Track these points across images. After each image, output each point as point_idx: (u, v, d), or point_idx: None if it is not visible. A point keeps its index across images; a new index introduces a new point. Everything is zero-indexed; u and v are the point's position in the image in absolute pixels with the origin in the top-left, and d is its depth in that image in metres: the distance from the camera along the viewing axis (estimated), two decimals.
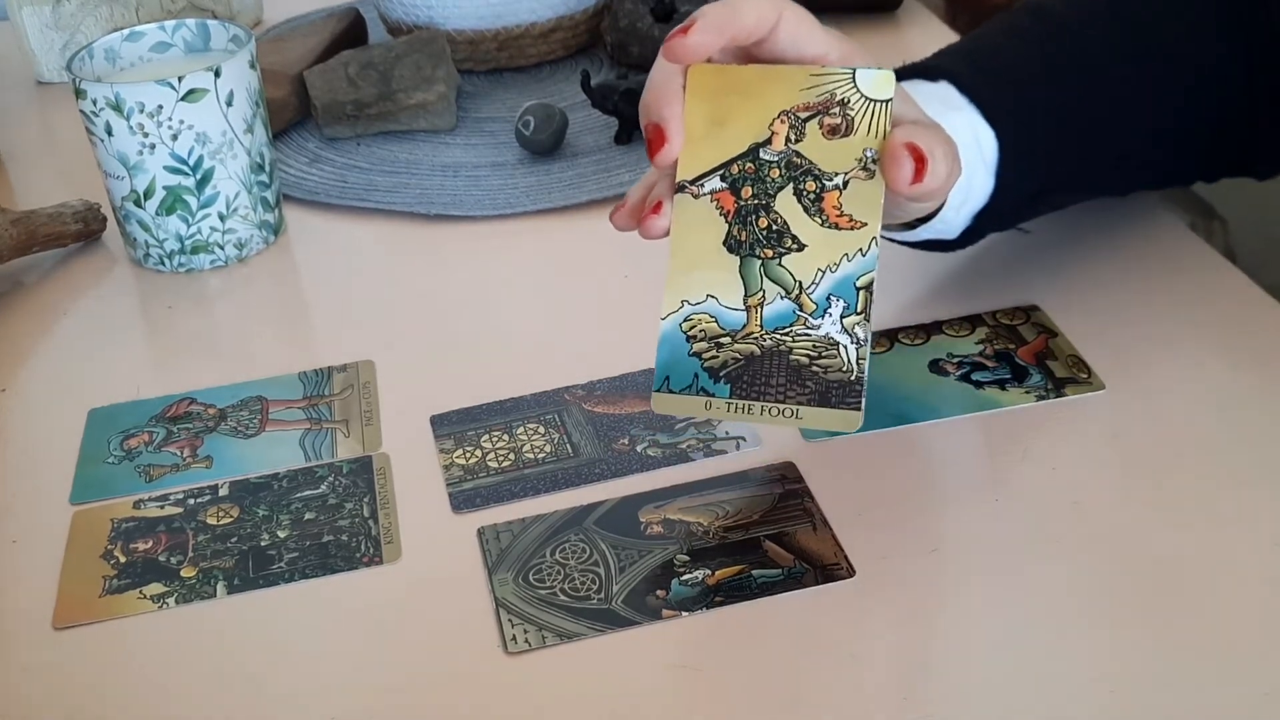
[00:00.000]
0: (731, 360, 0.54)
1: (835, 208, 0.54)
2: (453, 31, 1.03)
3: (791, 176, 0.54)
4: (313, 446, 0.67)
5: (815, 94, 0.54)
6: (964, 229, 0.67)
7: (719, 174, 0.55)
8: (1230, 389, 0.66)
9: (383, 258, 0.85)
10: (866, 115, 0.54)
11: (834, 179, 0.54)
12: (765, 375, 0.54)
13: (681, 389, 0.55)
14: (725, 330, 0.54)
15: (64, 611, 0.59)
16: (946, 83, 0.65)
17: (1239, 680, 0.51)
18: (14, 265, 0.85)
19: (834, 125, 0.54)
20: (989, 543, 0.58)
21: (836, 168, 0.54)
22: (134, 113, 0.78)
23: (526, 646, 0.55)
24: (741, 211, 0.55)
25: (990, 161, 0.65)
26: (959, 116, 0.64)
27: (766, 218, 0.54)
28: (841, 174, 0.54)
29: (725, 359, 0.54)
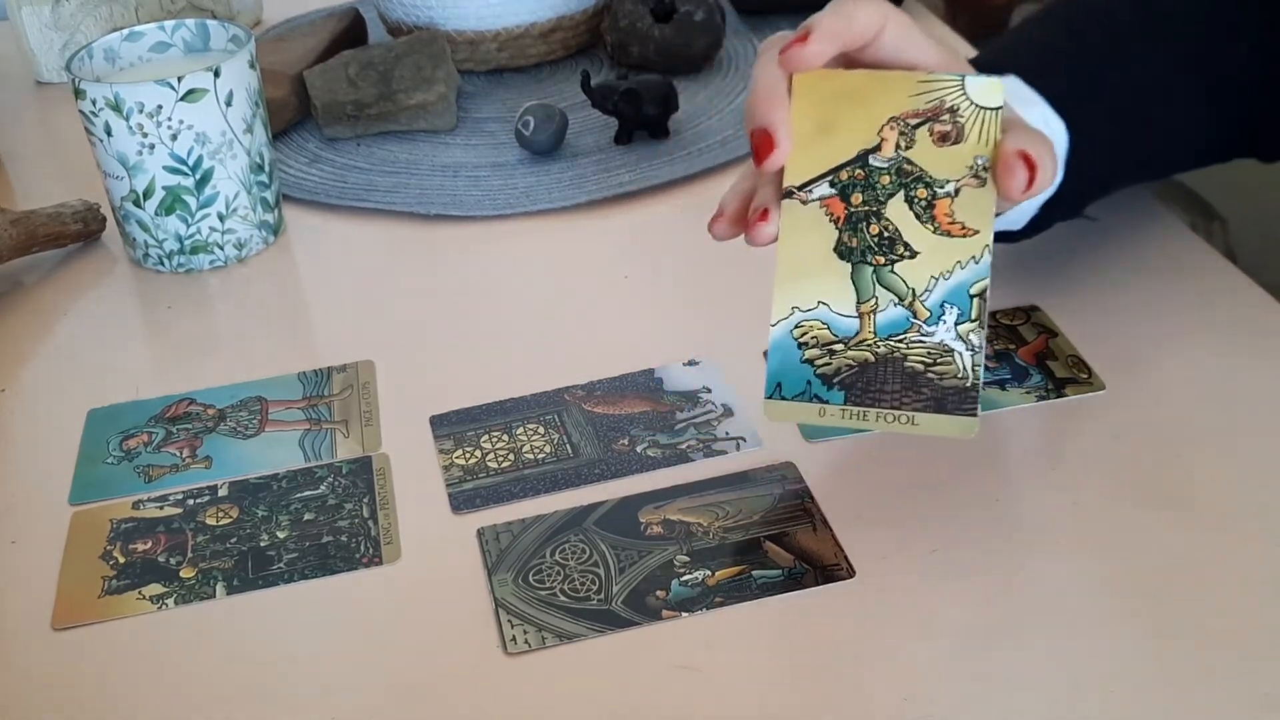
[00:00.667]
0: (845, 367, 0.55)
1: (947, 215, 0.54)
2: (453, 32, 1.03)
3: (902, 183, 0.54)
4: (312, 447, 0.67)
5: (925, 100, 0.54)
6: (1032, 218, 0.67)
7: (828, 180, 0.55)
8: (1230, 389, 0.66)
9: (382, 258, 0.85)
10: (977, 123, 0.54)
11: (945, 186, 0.54)
12: (880, 382, 0.54)
13: (794, 395, 0.55)
14: (838, 337, 0.55)
15: (63, 612, 0.59)
16: (1014, 76, 0.65)
17: (1239, 680, 0.51)
18: (13, 265, 0.85)
19: (944, 132, 0.54)
20: (989, 543, 0.58)
21: (948, 175, 0.54)
22: (133, 113, 0.78)
23: (526, 647, 0.55)
24: (852, 218, 0.55)
25: (1061, 151, 0.65)
26: (1032, 110, 0.64)
27: (878, 224, 0.54)
28: (953, 181, 0.54)
29: (839, 365, 0.55)
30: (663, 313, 0.75)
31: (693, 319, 0.74)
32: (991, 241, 0.54)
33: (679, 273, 0.79)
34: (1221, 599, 0.54)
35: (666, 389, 0.69)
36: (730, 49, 1.05)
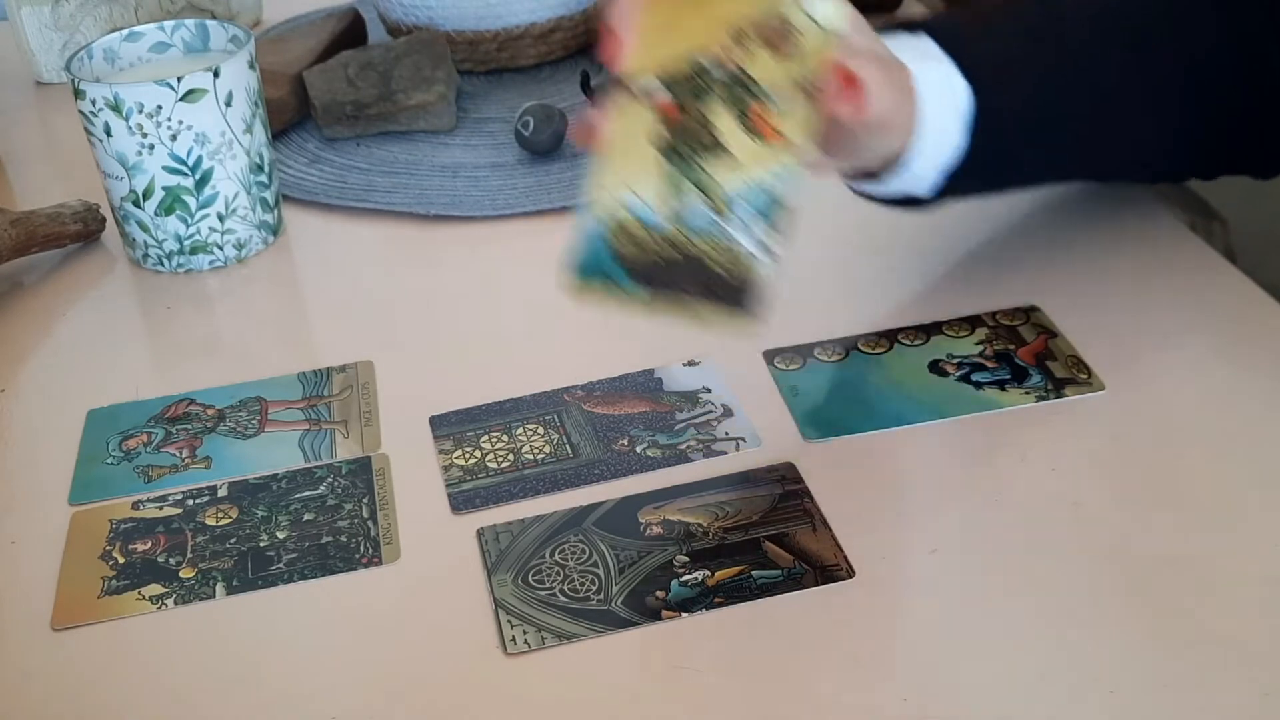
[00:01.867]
0: (649, 258, 0.56)
1: (769, 125, 0.55)
2: (452, 32, 1.03)
3: (731, 89, 0.56)
4: (312, 447, 0.67)
5: (765, 11, 0.56)
6: (936, 186, 0.67)
7: (663, 78, 0.56)
8: (1230, 389, 0.65)
9: (382, 258, 0.85)
10: (814, 40, 0.55)
11: (772, 97, 0.55)
12: (677, 275, 0.56)
13: (597, 280, 0.56)
14: (646, 229, 0.56)
15: (63, 612, 0.59)
16: (925, 35, 0.65)
17: (1239, 680, 0.51)
18: (13, 266, 0.85)
19: (779, 45, 0.55)
20: (989, 543, 0.58)
21: (775, 85, 0.55)
22: (133, 113, 0.78)
23: (526, 647, 0.55)
24: (679, 119, 0.56)
25: (965, 116, 0.65)
26: (935, 66, 0.64)
27: (700, 125, 0.56)
28: (780, 93, 0.55)
29: (641, 255, 0.56)
30: None
31: None
32: (806, 154, 0.55)
33: None
34: (1221, 599, 0.54)
35: (666, 389, 0.69)
36: None
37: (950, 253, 0.77)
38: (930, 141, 0.63)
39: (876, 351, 0.70)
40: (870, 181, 0.66)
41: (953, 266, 0.76)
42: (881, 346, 0.70)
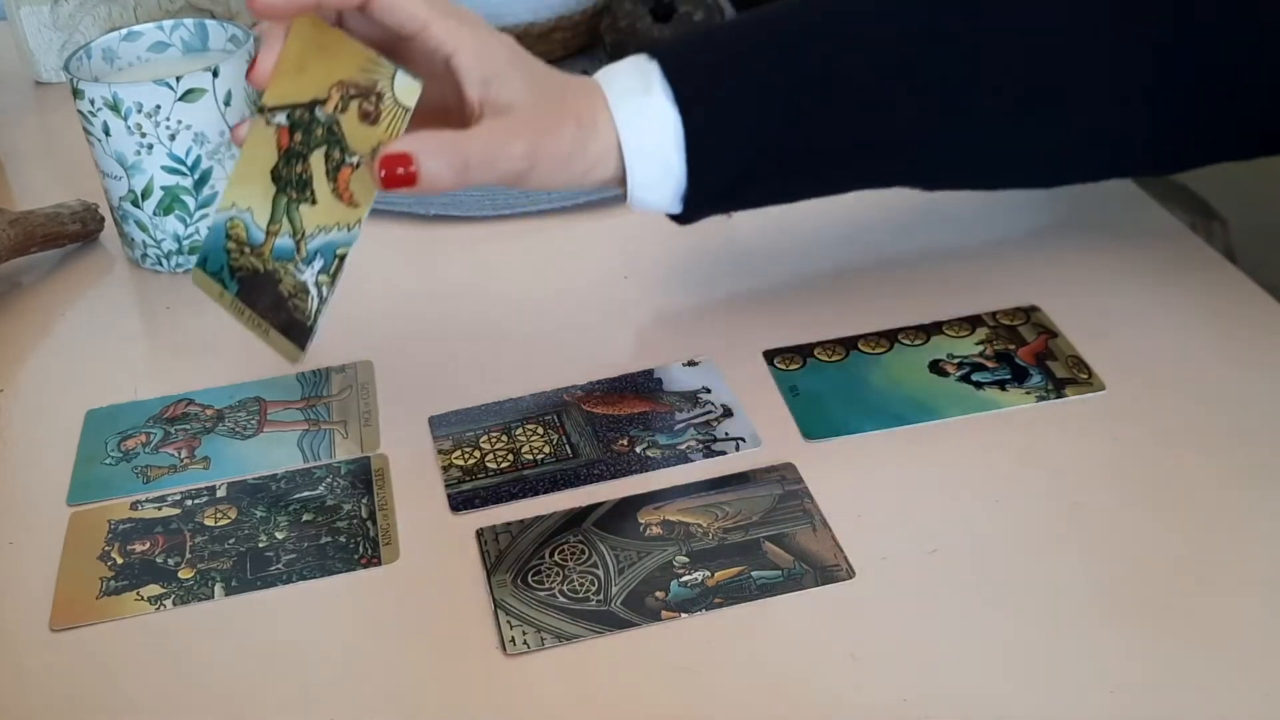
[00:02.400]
0: (246, 267, 0.64)
1: (345, 182, 0.61)
2: None
3: (327, 139, 0.61)
4: (311, 447, 0.67)
5: (366, 77, 0.60)
6: (681, 208, 0.67)
7: (287, 111, 0.62)
8: (1230, 389, 0.65)
9: (381, 258, 0.85)
10: (391, 113, 0.59)
11: (352, 157, 0.60)
12: (259, 291, 0.63)
13: (211, 272, 0.65)
14: (249, 241, 0.63)
15: (61, 613, 0.59)
16: (651, 60, 0.65)
17: (1239, 680, 0.51)
18: (12, 266, 0.84)
19: (367, 111, 0.60)
20: (989, 544, 0.58)
21: (357, 148, 0.60)
22: (132, 113, 0.78)
23: (525, 648, 0.55)
24: (289, 152, 0.62)
25: (678, 142, 0.64)
26: (651, 101, 0.64)
27: (301, 165, 0.62)
28: (358, 156, 0.60)
29: (243, 264, 0.64)
30: (663, 313, 0.75)
31: (693, 319, 0.74)
32: (365, 217, 0.60)
33: (679, 273, 0.79)
34: (1221, 599, 0.54)
35: (666, 389, 0.69)
36: None
37: (950, 253, 0.77)
38: (646, 170, 0.65)
39: (876, 351, 0.70)
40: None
41: (953, 266, 0.76)
42: (881, 346, 0.70)
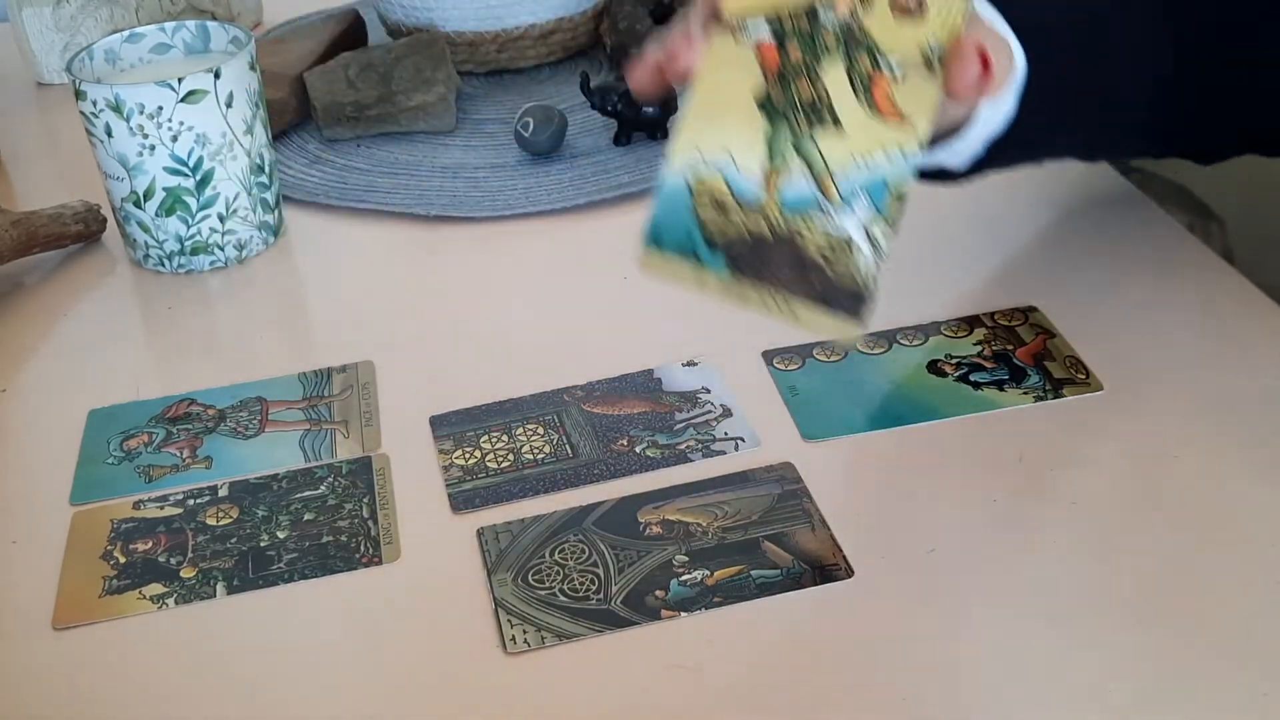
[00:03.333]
0: (736, 233, 0.48)
1: (886, 95, 0.48)
2: (452, 33, 1.03)
3: (848, 48, 0.49)
4: (312, 447, 0.67)
5: None
6: (976, 158, 0.63)
7: (769, 21, 0.49)
8: (1228, 389, 0.66)
9: (382, 259, 0.85)
10: (943, 4, 0.48)
11: (891, 62, 0.48)
12: (769, 259, 0.48)
13: (674, 249, 0.49)
14: (736, 198, 0.48)
15: (64, 612, 0.59)
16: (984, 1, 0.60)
17: (1239, 680, 0.51)
18: (14, 266, 0.85)
19: (906, 5, 0.49)
20: (987, 543, 0.58)
21: (898, 51, 0.48)
22: (134, 114, 0.78)
23: (526, 647, 0.55)
24: (784, 70, 0.48)
25: (1017, 85, 0.60)
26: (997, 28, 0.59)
27: (810, 86, 0.48)
28: (901, 59, 0.48)
29: (730, 230, 0.48)
30: (662, 313, 0.75)
31: (692, 319, 0.74)
32: (926, 137, 0.48)
33: None
34: (1220, 599, 0.54)
35: (666, 389, 0.69)
36: None
37: (949, 253, 0.77)
38: (987, 112, 0.59)
39: (875, 352, 0.70)
40: None
41: (951, 267, 0.76)
42: (880, 347, 0.70)
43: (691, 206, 0.48)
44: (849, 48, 0.49)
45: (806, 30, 0.49)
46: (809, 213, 0.48)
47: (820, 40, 0.49)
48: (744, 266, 0.48)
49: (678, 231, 0.48)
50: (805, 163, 0.48)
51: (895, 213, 0.48)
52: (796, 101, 0.48)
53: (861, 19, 0.48)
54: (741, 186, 0.48)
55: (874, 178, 0.48)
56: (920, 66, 0.48)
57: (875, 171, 0.48)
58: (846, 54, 0.49)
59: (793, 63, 0.48)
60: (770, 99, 0.48)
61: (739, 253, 0.48)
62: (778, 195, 0.48)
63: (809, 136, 0.48)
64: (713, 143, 0.48)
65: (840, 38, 0.49)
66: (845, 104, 0.48)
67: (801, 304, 0.48)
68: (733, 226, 0.48)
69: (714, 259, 0.48)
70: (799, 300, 0.48)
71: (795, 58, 0.49)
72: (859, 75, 0.48)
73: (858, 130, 0.48)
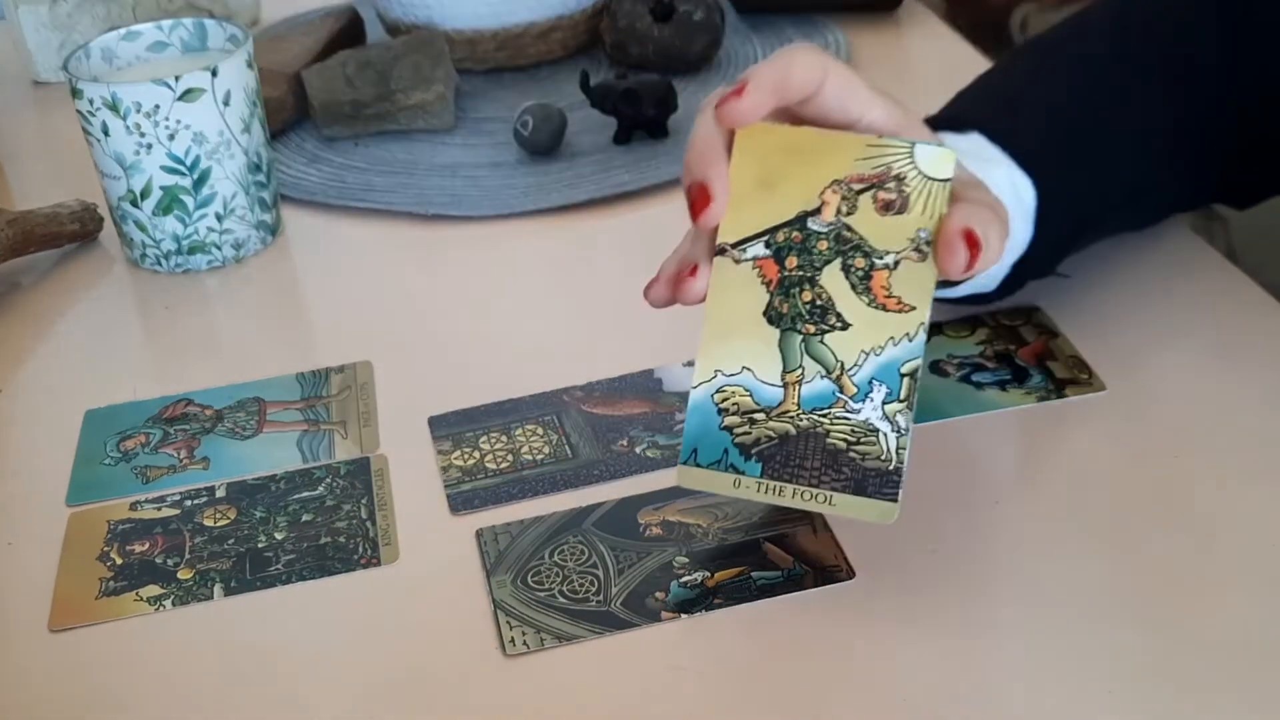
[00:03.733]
0: (765, 438, 0.52)
1: (884, 288, 0.52)
2: (451, 31, 1.03)
3: (840, 250, 0.52)
4: (310, 448, 0.67)
5: (871, 165, 0.52)
6: (1003, 279, 0.66)
7: (764, 240, 0.52)
8: (1231, 390, 0.65)
9: (381, 258, 0.85)
10: (923, 194, 0.51)
11: (885, 257, 0.52)
12: (799, 457, 0.52)
13: (710, 463, 0.53)
14: (759, 406, 0.52)
15: (60, 614, 0.59)
16: (977, 134, 0.64)
17: (1239, 680, 0.51)
18: (10, 266, 0.84)
19: (889, 201, 0.52)
20: (989, 544, 0.58)
21: (888, 246, 0.52)
22: (130, 112, 0.78)
23: (525, 649, 0.55)
24: (785, 282, 0.52)
25: (1029, 210, 0.63)
26: (997, 170, 0.62)
27: (811, 291, 0.52)
28: (893, 253, 0.52)
29: (758, 436, 0.52)
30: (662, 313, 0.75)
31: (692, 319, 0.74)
32: (928, 320, 0.52)
33: None
34: (1222, 600, 0.54)
35: (666, 389, 0.69)
36: (729, 49, 1.05)
37: None
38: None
39: None
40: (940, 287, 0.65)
41: None
42: None
43: (720, 422, 0.52)
44: (842, 250, 0.52)
45: (799, 240, 0.52)
46: (829, 408, 0.52)
47: (814, 247, 0.52)
48: (776, 466, 0.52)
49: (711, 447, 0.52)
50: (819, 363, 0.52)
51: (910, 392, 0.52)
52: (800, 308, 0.52)
53: (848, 221, 0.52)
54: (764, 394, 0.52)
55: (885, 364, 0.51)
56: (913, 254, 0.51)
57: (886, 359, 0.51)
58: (840, 256, 0.52)
59: (791, 272, 0.52)
60: (776, 309, 0.52)
61: (769, 454, 0.52)
62: (798, 397, 0.52)
63: (818, 338, 0.52)
64: (730, 360, 0.52)
65: (833, 242, 0.52)
66: (846, 302, 0.52)
67: (835, 492, 0.52)
68: (761, 432, 0.52)
69: (750, 466, 0.52)
70: (832, 490, 0.52)
71: (792, 267, 0.52)
72: (855, 273, 0.52)
73: (863, 325, 0.52)
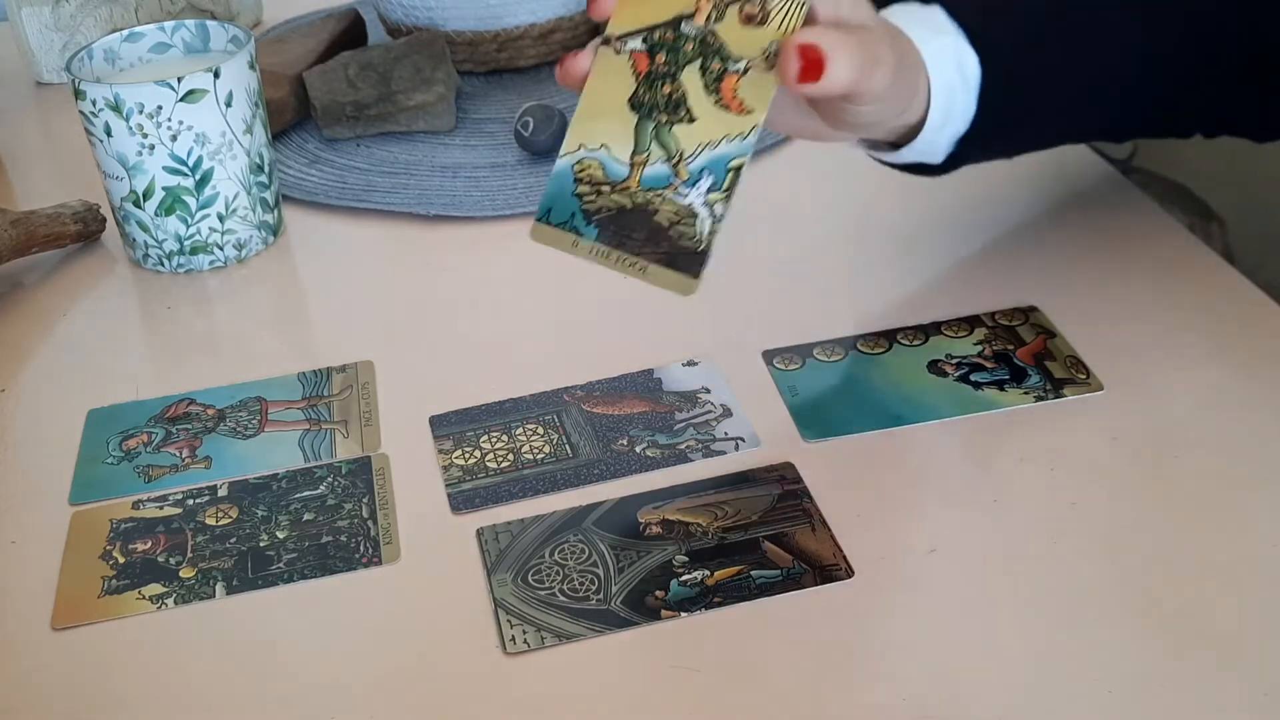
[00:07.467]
0: (605, 208, 0.58)
1: (731, 90, 0.57)
2: (452, 32, 1.03)
3: (701, 52, 0.57)
4: (312, 447, 0.67)
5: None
6: (948, 153, 0.68)
7: (642, 36, 0.58)
8: (1229, 389, 0.66)
9: (382, 259, 0.85)
10: (782, 11, 0.56)
11: (738, 64, 0.57)
12: (629, 228, 0.58)
13: (558, 223, 0.58)
14: (608, 179, 0.58)
15: (63, 612, 0.59)
16: (937, 6, 0.66)
17: (1239, 680, 0.51)
18: (13, 266, 0.85)
19: (751, 14, 0.57)
20: (988, 543, 0.58)
21: (742, 53, 0.57)
22: (133, 113, 0.78)
23: (525, 647, 0.55)
24: (651, 75, 0.58)
25: (973, 85, 0.65)
26: (943, 40, 0.65)
27: (670, 85, 0.57)
28: (745, 60, 0.57)
29: (601, 205, 0.58)
30: (662, 313, 0.75)
31: (692, 319, 0.74)
32: (761, 123, 0.56)
33: None
34: (1220, 599, 0.54)
35: (665, 389, 0.69)
36: None
37: (950, 253, 0.78)
38: (939, 113, 0.64)
39: (875, 352, 0.70)
40: (886, 151, 0.67)
41: (952, 266, 0.76)
42: (880, 347, 0.70)
43: (574, 189, 0.58)
44: (704, 52, 0.57)
45: (670, 40, 0.58)
46: (662, 189, 0.57)
47: (681, 47, 0.58)
48: (610, 234, 0.58)
49: (562, 209, 0.59)
50: (664, 149, 0.58)
51: (731, 184, 0.57)
52: (659, 100, 0.58)
53: (713, 28, 0.57)
54: (613, 169, 0.58)
55: (716, 158, 0.57)
56: (762, 64, 0.57)
57: (718, 153, 0.57)
58: (701, 57, 0.57)
59: (658, 67, 0.58)
60: (639, 98, 0.58)
61: (606, 222, 0.58)
62: (640, 176, 0.58)
63: (668, 127, 0.58)
64: (593, 137, 0.58)
65: (697, 44, 0.57)
66: (697, 99, 0.57)
67: (651, 264, 0.58)
68: (606, 201, 0.58)
69: (589, 230, 0.58)
70: (650, 261, 0.58)
71: (660, 62, 0.58)
72: (710, 73, 0.57)
73: (707, 120, 0.57)
